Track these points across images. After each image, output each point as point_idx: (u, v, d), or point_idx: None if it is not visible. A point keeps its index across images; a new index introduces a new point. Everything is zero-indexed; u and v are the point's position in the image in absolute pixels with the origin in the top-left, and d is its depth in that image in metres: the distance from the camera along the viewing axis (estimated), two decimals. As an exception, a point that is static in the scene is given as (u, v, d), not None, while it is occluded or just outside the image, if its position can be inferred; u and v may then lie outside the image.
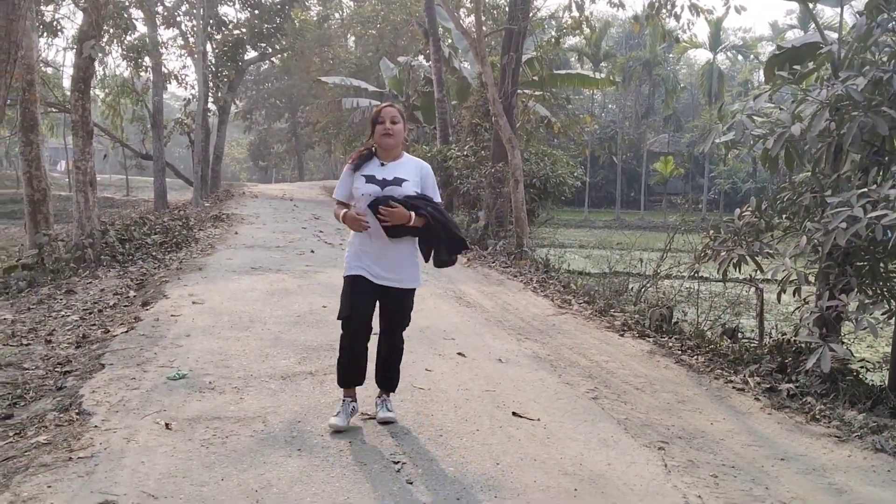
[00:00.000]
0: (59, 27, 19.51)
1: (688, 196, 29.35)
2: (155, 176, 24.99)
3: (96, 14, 11.63)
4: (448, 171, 17.38)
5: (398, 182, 4.29)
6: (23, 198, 13.40)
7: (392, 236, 4.27)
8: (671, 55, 52.47)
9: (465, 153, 17.42)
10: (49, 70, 25.36)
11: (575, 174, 18.76)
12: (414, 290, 4.52)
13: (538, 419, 4.84)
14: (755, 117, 6.71)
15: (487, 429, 4.58)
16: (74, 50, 13.94)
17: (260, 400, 4.94)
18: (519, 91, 16.96)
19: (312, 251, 12.52)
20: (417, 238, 4.43)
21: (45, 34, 19.00)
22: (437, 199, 4.45)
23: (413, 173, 4.39)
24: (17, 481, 3.60)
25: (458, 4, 23.00)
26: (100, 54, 15.27)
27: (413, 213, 4.21)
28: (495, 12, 23.31)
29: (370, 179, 4.30)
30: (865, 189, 5.46)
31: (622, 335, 7.69)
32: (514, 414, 4.90)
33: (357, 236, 4.38)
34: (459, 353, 6.41)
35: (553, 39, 18.63)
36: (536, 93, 20.19)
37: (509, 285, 10.57)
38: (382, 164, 4.37)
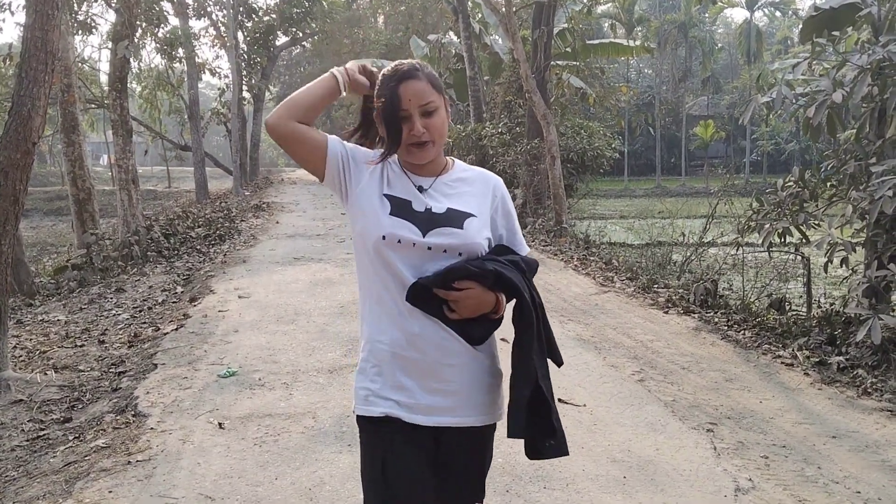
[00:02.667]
0: (93, 24, 19.79)
1: (729, 160, 28.83)
2: (195, 166, 25.29)
3: (129, 13, 11.77)
4: (483, 149, 17.31)
5: (455, 220, 2.07)
6: (67, 195, 13.73)
7: (475, 341, 2.08)
8: (707, 15, 51.37)
9: (499, 131, 17.32)
10: (86, 67, 25.79)
11: (612, 145, 18.55)
12: (495, 426, 2.20)
13: (584, 405, 4.85)
14: (795, 83, 6.57)
15: (534, 416, 4.59)
16: (109, 48, 14.15)
17: (309, 395, 5.02)
18: (552, 64, 16.78)
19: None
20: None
21: (79, 33, 19.28)
22: (523, 246, 2.24)
23: (478, 199, 2.16)
24: (80, 487, 3.72)
25: (487, -21, 22.75)
26: (134, 52, 15.44)
27: (502, 295, 2.07)
28: (524, -15, 23.01)
29: (401, 208, 2.07)
30: (912, 156, 5.33)
31: (666, 312, 7.64)
32: (559, 400, 4.91)
33: (378, 322, 2.09)
34: (502, 339, 6.42)
35: (585, 9, 18.36)
36: (570, 64, 19.95)
37: (549, 264, 10.54)
38: (419, 188, 2.11)
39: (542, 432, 2.09)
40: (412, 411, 2.03)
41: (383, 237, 2.03)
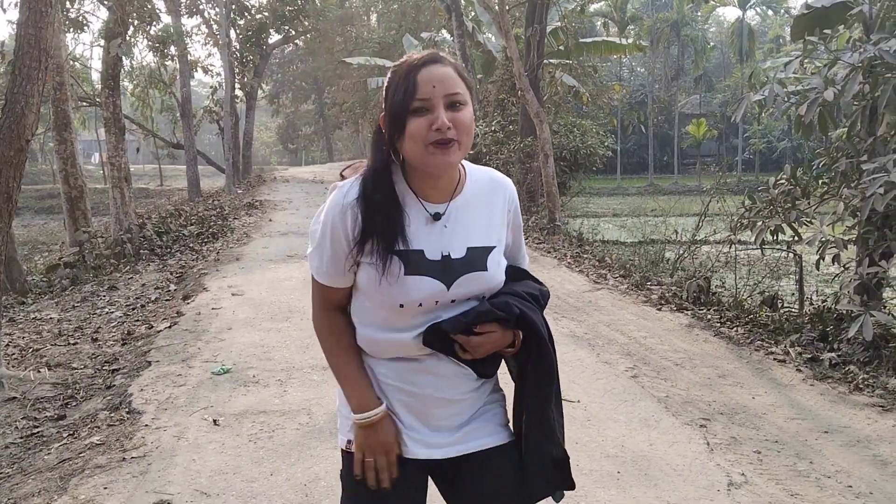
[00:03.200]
0: (85, 22, 19.75)
1: (721, 158, 28.92)
2: (187, 165, 25.22)
3: (121, 11, 11.76)
4: (476, 147, 17.33)
5: (479, 261, 1.77)
6: (59, 193, 13.69)
7: (488, 376, 1.87)
8: (699, 14, 51.54)
9: (492, 129, 17.34)
10: (77, 65, 25.70)
11: (605, 143, 18.60)
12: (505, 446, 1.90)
13: (578, 401, 4.87)
14: (786, 81, 6.61)
15: (528, 412, 4.60)
16: (102, 46, 14.12)
17: (303, 392, 5.03)
18: (545, 62, 16.81)
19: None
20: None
21: (71, 30, 19.23)
22: (525, 258, 2.05)
23: (496, 220, 1.85)
24: (75, 483, 3.72)
25: (480, -23, 22.76)
26: (126, 50, 15.40)
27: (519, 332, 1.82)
28: (517, -17, 23.03)
29: (416, 263, 1.72)
30: (903, 153, 5.37)
31: (660, 309, 7.67)
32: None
33: (377, 346, 1.82)
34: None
35: (578, 7, 18.40)
36: (563, 63, 19.98)
37: (543, 262, 10.56)
38: (435, 215, 1.75)
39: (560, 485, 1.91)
40: (414, 442, 1.80)
41: (401, 305, 1.71)
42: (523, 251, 2.02)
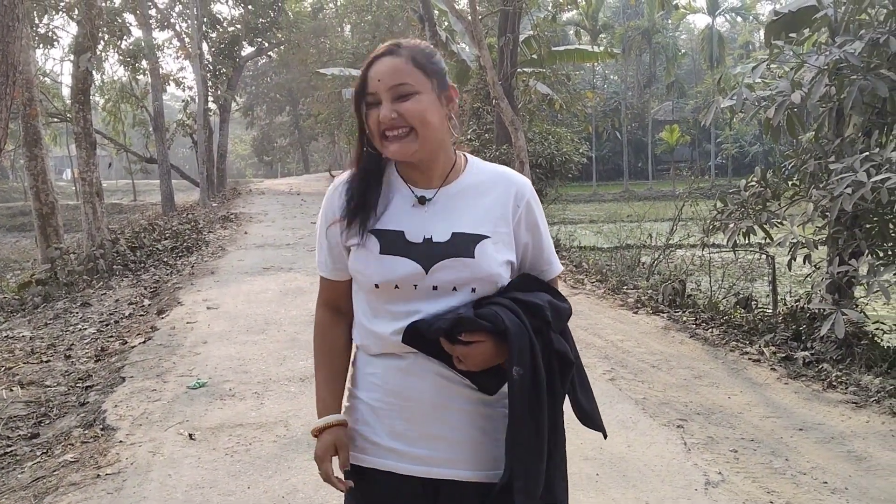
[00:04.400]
0: (54, 37, 19.59)
1: (694, 164, 29.20)
2: (161, 179, 25.04)
3: (90, 25, 11.66)
4: (453, 155, 17.39)
5: (463, 247, 1.67)
6: (31, 210, 13.52)
7: (490, 391, 1.69)
8: (670, 22, 52.07)
9: (468, 137, 17.40)
10: (47, 80, 25.48)
11: (580, 150, 18.72)
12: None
13: (556, 405, 4.87)
14: (756, 86, 6.70)
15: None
16: (72, 61, 13.99)
17: (280, 404, 5.00)
18: (519, 71, 16.90)
19: (322, 246, 12.57)
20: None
21: (40, 46, 19.06)
22: (553, 264, 1.85)
23: (496, 212, 1.74)
24: (49, 502, 3.68)
25: (452, -13, 22.85)
26: (96, 65, 15.30)
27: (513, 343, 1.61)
28: (489, -8, 23.15)
29: (392, 243, 1.69)
30: (868, 153, 5.45)
31: (636, 312, 7.71)
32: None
33: (369, 343, 1.76)
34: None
35: (550, 16, 18.52)
36: (537, 71, 20.10)
37: (520, 268, 10.58)
38: (421, 199, 1.73)
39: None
40: (403, 460, 1.70)
41: (376, 285, 1.68)
42: (547, 255, 1.82)
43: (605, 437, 1.81)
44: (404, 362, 1.69)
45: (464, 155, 1.82)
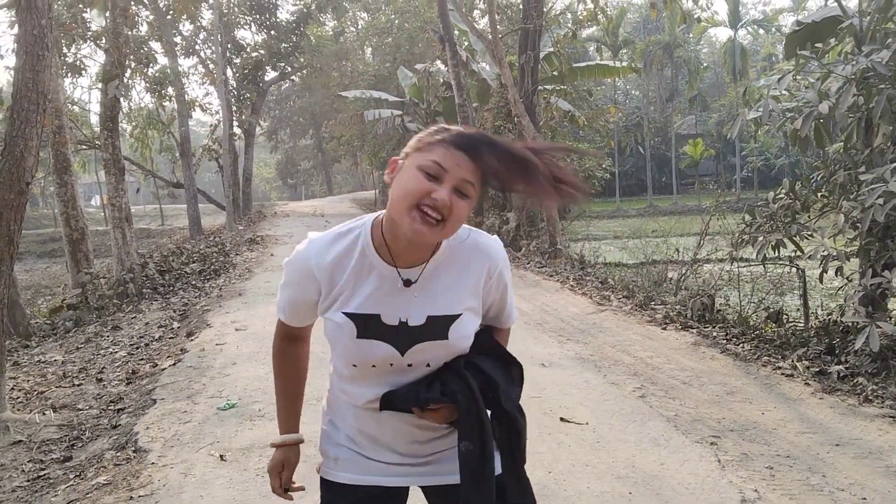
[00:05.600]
0: (82, 66, 19.95)
1: (719, 177, 29.00)
2: (188, 203, 25.31)
3: (118, 53, 11.86)
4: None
5: (438, 330, 1.73)
6: (61, 236, 13.73)
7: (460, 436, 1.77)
8: (691, 35, 51.89)
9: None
10: (76, 109, 25.93)
11: (603, 166, 18.68)
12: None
13: (587, 423, 4.84)
14: (781, 97, 6.66)
15: (536, 436, 4.58)
16: (100, 89, 14.25)
17: (309, 424, 4.96)
18: (540, 88, 16.93)
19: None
20: None
21: (69, 74, 19.42)
22: (511, 317, 1.95)
23: (470, 286, 1.77)
24: (82, 525, 3.69)
25: (472, 6, 23.02)
26: (124, 92, 15.55)
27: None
28: (509, 11, 23.28)
29: (368, 327, 1.71)
30: (900, 163, 5.38)
31: (665, 328, 7.64)
32: (561, 419, 4.90)
33: (343, 403, 1.90)
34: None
35: (570, 33, 18.56)
36: (558, 88, 20.12)
37: (546, 286, 10.55)
38: (406, 282, 1.71)
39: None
40: (387, 474, 1.84)
41: (354, 365, 1.75)
42: (508, 311, 1.93)
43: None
44: (378, 413, 1.79)
45: None
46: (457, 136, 1.60)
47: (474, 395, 1.72)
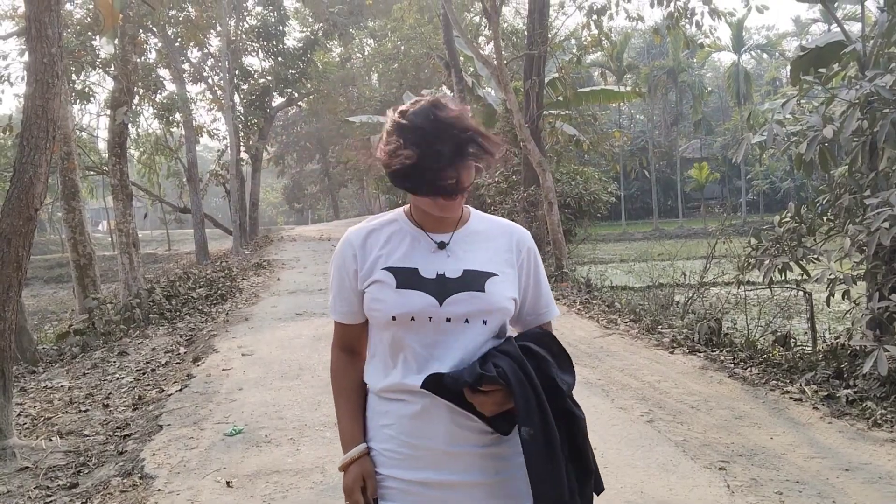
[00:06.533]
0: (90, 93, 20.15)
1: (725, 201, 29.00)
2: (194, 228, 25.44)
3: (126, 80, 11.97)
4: (481, 198, 17.47)
5: (475, 282, 1.81)
6: (68, 261, 13.79)
7: (504, 430, 1.79)
8: (695, 60, 52.18)
9: (496, 180, 17.49)
10: (84, 135, 26.15)
11: (609, 189, 18.73)
12: None
13: (595, 448, 4.80)
14: (786, 122, 6.68)
15: (544, 462, 4.54)
16: (108, 115, 14.37)
17: (316, 450, 4.98)
18: (545, 113, 17.03)
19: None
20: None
21: (77, 101, 19.60)
22: (551, 308, 1.97)
23: (501, 255, 1.89)
24: (89, 552, 3.68)
25: (477, 33, 23.20)
26: (132, 118, 15.70)
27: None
28: (514, 38, 23.44)
29: (408, 278, 1.81)
30: (905, 186, 5.39)
31: (672, 352, 7.62)
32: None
33: (383, 411, 1.87)
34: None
35: (575, 59, 18.67)
36: (563, 113, 20.21)
37: (553, 309, 10.52)
38: (440, 244, 1.85)
39: None
40: (391, 496, 1.83)
41: (393, 318, 1.78)
42: (545, 299, 1.97)
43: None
44: (417, 407, 1.78)
45: (465, 207, 1.92)
46: (435, 111, 1.75)
47: (528, 375, 1.70)
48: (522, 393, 1.67)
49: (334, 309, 1.94)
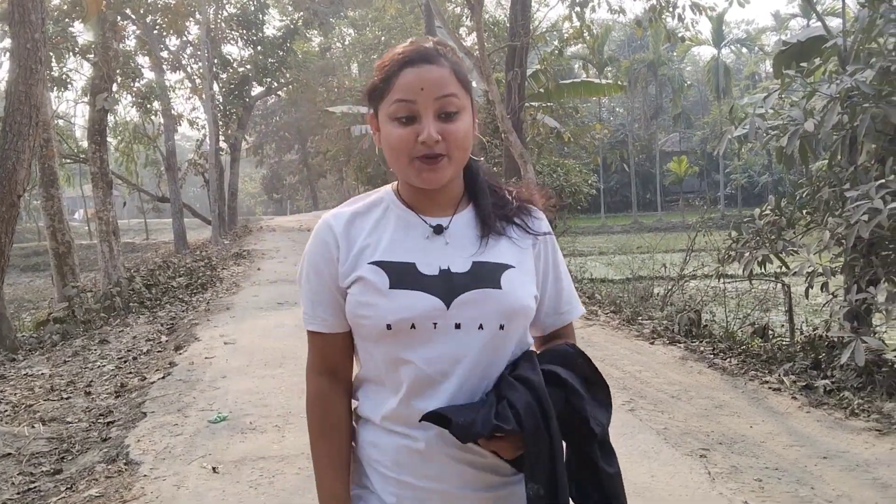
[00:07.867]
0: (68, 80, 19.91)
1: (704, 194, 29.25)
2: (173, 218, 25.28)
3: (107, 67, 11.86)
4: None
5: (488, 277, 1.44)
6: (46, 250, 13.66)
7: (521, 466, 1.41)
8: (675, 54, 52.50)
9: (478, 171, 17.52)
10: (61, 123, 25.86)
11: (589, 182, 18.86)
12: None
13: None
14: (767, 115, 6.77)
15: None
16: (87, 102, 14.23)
17: (301, 436, 5.00)
18: (527, 104, 17.07)
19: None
20: None
21: (55, 88, 19.37)
22: (575, 306, 1.64)
23: (512, 241, 1.53)
24: (76, 537, 3.68)
25: (459, 24, 23.18)
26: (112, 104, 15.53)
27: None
28: (496, 28, 23.46)
29: (403, 276, 1.42)
30: (884, 180, 5.48)
31: (652, 343, 7.70)
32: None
33: (379, 444, 1.51)
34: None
35: (556, 51, 18.74)
36: (544, 105, 20.28)
37: (534, 300, 10.58)
38: (437, 228, 1.48)
39: None
40: None
41: (388, 327, 1.40)
42: (567, 296, 1.60)
43: None
44: (420, 443, 1.42)
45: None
46: (408, 55, 1.41)
47: (547, 416, 1.35)
48: (534, 443, 1.34)
49: (311, 315, 1.53)
